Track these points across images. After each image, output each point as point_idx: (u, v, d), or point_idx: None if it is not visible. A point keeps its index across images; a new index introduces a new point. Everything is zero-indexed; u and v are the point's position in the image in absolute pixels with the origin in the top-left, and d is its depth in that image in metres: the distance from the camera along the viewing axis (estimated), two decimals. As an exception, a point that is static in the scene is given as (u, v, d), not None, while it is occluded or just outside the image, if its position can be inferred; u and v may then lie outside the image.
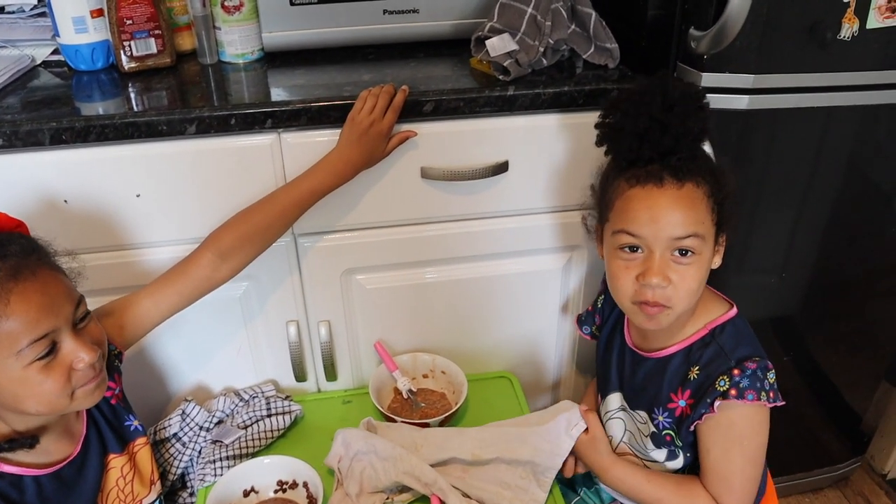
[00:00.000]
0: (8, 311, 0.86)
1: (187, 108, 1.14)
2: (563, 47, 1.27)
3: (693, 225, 0.99)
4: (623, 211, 1.03)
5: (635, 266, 1.03)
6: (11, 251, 0.89)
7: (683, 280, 1.01)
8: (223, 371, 1.40)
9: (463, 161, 1.23)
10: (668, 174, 0.99)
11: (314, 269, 1.31)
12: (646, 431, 1.14)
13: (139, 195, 1.18)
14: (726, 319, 1.08)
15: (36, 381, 0.90)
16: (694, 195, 1.00)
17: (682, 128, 0.98)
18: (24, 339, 0.87)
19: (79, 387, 0.94)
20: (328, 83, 1.25)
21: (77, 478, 1.03)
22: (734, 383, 1.01)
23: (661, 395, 1.11)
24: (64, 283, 0.93)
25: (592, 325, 1.30)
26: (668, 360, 1.10)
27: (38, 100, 1.20)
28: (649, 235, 1.00)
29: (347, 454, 1.21)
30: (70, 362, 0.92)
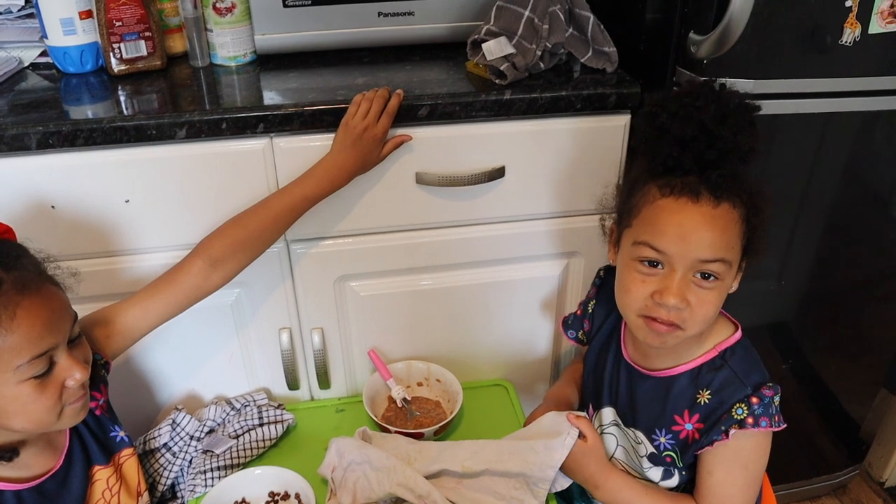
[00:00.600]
0: (13, 325, 0.84)
1: (178, 112, 1.12)
2: (560, 51, 1.25)
3: (723, 249, 0.93)
4: (650, 222, 0.95)
5: (653, 282, 0.96)
6: (20, 263, 0.88)
7: (701, 305, 0.95)
8: (214, 379, 1.37)
9: (459, 166, 1.21)
10: (705, 189, 0.92)
11: (307, 276, 1.29)
12: (642, 451, 1.11)
13: (128, 200, 1.16)
14: (735, 341, 1.04)
15: (28, 398, 0.89)
16: (729, 217, 0.93)
17: (731, 142, 0.91)
18: (25, 355, 0.86)
19: (68, 404, 0.93)
20: (322, 87, 1.23)
21: (60, 491, 1.00)
22: (752, 412, 0.98)
23: (664, 417, 1.07)
24: (63, 299, 0.93)
25: (579, 331, 1.24)
26: (672, 380, 1.06)
27: (25, 103, 1.18)
28: (675, 253, 0.93)
29: (341, 464, 1.19)
30: (63, 380, 0.91)
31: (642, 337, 1.01)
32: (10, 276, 0.86)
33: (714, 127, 0.91)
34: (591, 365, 1.20)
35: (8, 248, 0.90)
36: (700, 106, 0.92)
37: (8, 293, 0.84)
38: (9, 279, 0.85)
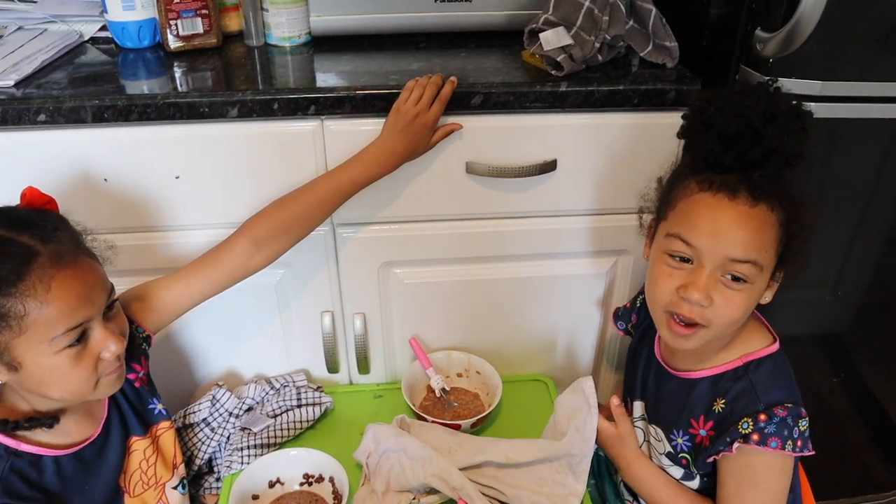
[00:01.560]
0: (48, 297, 0.85)
1: (230, 91, 1.12)
2: (619, 44, 1.22)
3: (755, 251, 0.91)
4: (685, 215, 0.95)
5: (680, 276, 0.95)
6: (56, 236, 0.89)
7: (727, 305, 0.93)
8: (255, 358, 1.38)
9: (510, 157, 1.19)
10: (744, 188, 0.91)
11: (352, 261, 1.28)
12: (660, 449, 1.10)
13: (178, 177, 1.17)
14: (765, 354, 1.01)
15: (64, 369, 0.90)
16: (765, 219, 0.91)
17: (776, 143, 0.89)
18: (60, 327, 0.87)
19: (103, 375, 0.94)
20: (375, 71, 1.22)
21: (97, 459, 1.02)
22: (758, 428, 0.95)
23: (682, 418, 1.06)
24: (99, 272, 0.93)
25: (628, 322, 1.25)
26: (693, 383, 1.05)
27: (83, 76, 1.20)
28: (705, 249, 0.92)
29: (377, 450, 1.18)
30: (98, 352, 0.92)
31: (664, 335, 1.01)
32: (47, 248, 0.87)
33: (761, 125, 0.89)
34: (630, 357, 1.20)
35: (46, 220, 0.91)
36: (749, 104, 0.90)
37: (43, 265, 0.85)
38: (45, 251, 0.86)
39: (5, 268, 0.84)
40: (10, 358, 0.88)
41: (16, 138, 1.12)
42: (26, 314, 0.85)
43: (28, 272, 0.84)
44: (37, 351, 0.88)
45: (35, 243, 0.86)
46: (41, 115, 1.10)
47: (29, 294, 0.84)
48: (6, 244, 0.85)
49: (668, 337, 1.00)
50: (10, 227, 0.87)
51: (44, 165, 1.13)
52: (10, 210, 0.91)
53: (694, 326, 0.96)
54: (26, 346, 0.87)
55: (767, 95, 0.91)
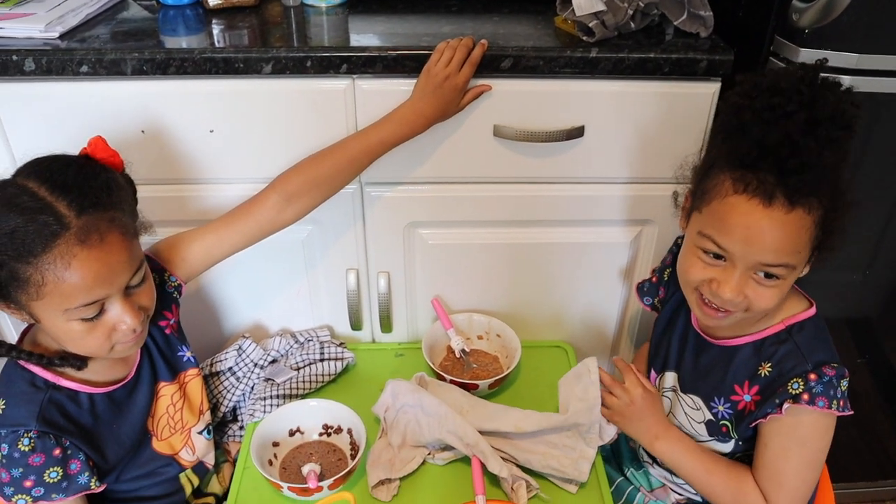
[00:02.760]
0: (67, 274, 0.87)
1: (265, 48, 1.14)
2: (653, 11, 1.21)
3: (788, 255, 0.90)
4: (717, 217, 0.93)
5: (712, 271, 0.95)
6: (90, 210, 0.89)
7: (759, 298, 0.94)
8: (281, 312, 1.42)
9: (538, 122, 1.19)
10: (780, 193, 0.87)
11: (378, 220, 1.30)
12: (698, 418, 1.10)
13: (212, 131, 1.20)
14: (805, 318, 1.02)
15: (78, 335, 0.93)
16: (801, 223, 0.89)
17: (814, 156, 0.85)
18: (75, 301, 0.89)
19: (118, 343, 0.97)
20: (408, 32, 1.23)
21: (128, 401, 1.06)
22: (808, 388, 0.96)
23: (724, 385, 1.06)
24: (128, 251, 0.93)
25: (655, 297, 1.24)
26: (736, 349, 1.05)
27: (124, 31, 1.23)
28: (737, 253, 0.92)
29: (394, 405, 1.21)
30: (113, 324, 0.95)
31: (697, 313, 1.02)
32: (80, 221, 0.87)
33: (800, 137, 0.85)
34: (661, 329, 1.20)
35: (93, 185, 0.91)
36: (790, 111, 0.86)
37: (69, 242, 0.87)
38: (76, 226, 0.87)
39: (33, 237, 0.85)
40: (30, 313, 0.92)
41: (59, 88, 1.16)
42: (44, 284, 0.87)
43: (53, 246, 0.86)
44: (52, 315, 0.91)
45: (69, 214, 0.87)
46: (83, 66, 1.13)
47: (49, 267, 0.86)
48: (42, 211, 0.86)
49: (700, 316, 1.01)
50: (53, 188, 0.88)
51: (84, 115, 1.16)
52: (64, 168, 0.91)
53: (726, 311, 0.97)
54: (42, 309, 0.90)
55: (811, 98, 0.86)
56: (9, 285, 0.88)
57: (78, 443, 0.97)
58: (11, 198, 0.87)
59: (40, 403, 0.96)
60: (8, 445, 0.92)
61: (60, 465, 0.94)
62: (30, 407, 0.95)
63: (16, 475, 0.91)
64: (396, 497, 1.14)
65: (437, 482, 1.16)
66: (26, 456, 0.92)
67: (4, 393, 0.96)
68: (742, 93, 0.91)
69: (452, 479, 1.17)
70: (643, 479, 1.23)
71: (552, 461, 1.14)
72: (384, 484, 1.14)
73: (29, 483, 0.91)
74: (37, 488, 0.91)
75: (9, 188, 0.89)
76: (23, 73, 1.13)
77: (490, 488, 1.13)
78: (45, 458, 0.92)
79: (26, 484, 0.91)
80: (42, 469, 0.92)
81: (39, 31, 1.16)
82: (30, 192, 0.87)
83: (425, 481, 1.16)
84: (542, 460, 1.14)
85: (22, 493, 0.91)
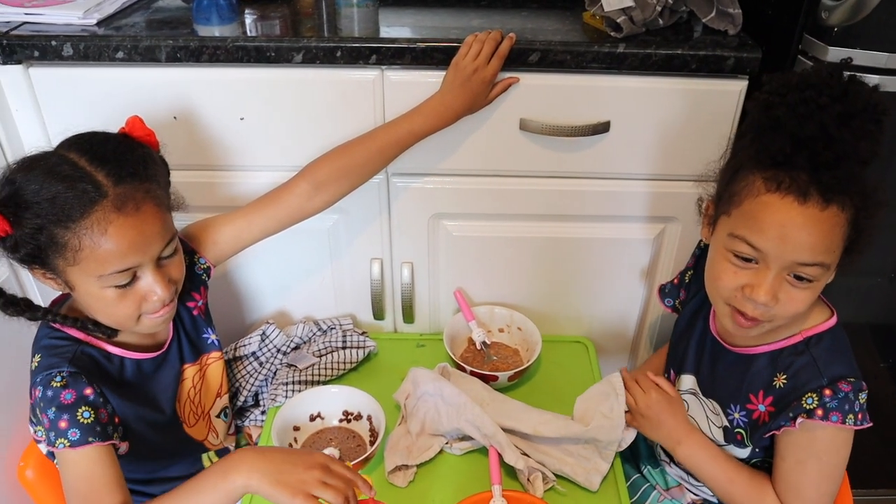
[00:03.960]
0: (103, 240, 0.90)
1: (296, 38, 1.16)
2: (682, 8, 1.22)
3: (823, 253, 0.89)
4: (751, 216, 0.91)
5: (745, 276, 0.93)
6: (130, 179, 0.92)
7: (792, 302, 0.92)
8: (305, 300, 1.44)
9: (564, 116, 1.20)
10: (815, 190, 0.86)
11: (404, 210, 1.32)
12: (717, 423, 1.10)
13: (243, 118, 1.22)
14: (825, 329, 1.00)
15: (109, 302, 0.96)
16: (835, 221, 0.88)
17: (850, 147, 0.85)
18: (109, 268, 0.92)
19: (147, 314, 0.99)
20: (437, 25, 1.25)
21: (155, 375, 1.09)
22: (822, 403, 0.95)
23: (739, 393, 1.05)
24: (162, 221, 0.97)
25: (676, 299, 1.24)
26: (752, 358, 1.04)
27: (159, 19, 1.25)
28: (771, 252, 0.90)
29: (415, 393, 1.22)
30: (144, 293, 0.97)
31: (725, 323, 1.00)
32: (117, 190, 0.91)
33: (835, 129, 0.85)
34: (680, 331, 1.19)
35: (131, 157, 0.94)
36: (823, 104, 0.85)
37: (106, 209, 0.90)
38: (113, 194, 0.90)
39: (72, 203, 0.89)
40: (65, 280, 0.95)
41: (95, 73, 1.19)
42: (80, 249, 0.90)
43: (91, 212, 0.89)
44: (86, 281, 0.94)
45: (107, 183, 0.90)
46: (119, 52, 1.16)
47: (86, 232, 0.89)
48: (82, 179, 0.90)
49: (730, 327, 1.00)
50: (92, 159, 0.91)
51: (118, 100, 1.19)
52: (104, 141, 0.95)
53: (757, 321, 0.95)
54: (77, 274, 0.93)
55: (843, 91, 0.86)
56: (47, 249, 0.91)
57: (107, 392, 0.99)
58: (53, 166, 0.90)
59: (73, 352, 0.99)
60: (42, 387, 0.95)
61: (92, 406, 0.95)
62: (63, 355, 0.98)
63: (51, 415, 0.93)
64: (412, 483, 1.15)
65: (454, 471, 1.17)
66: (58, 393, 0.93)
67: (39, 350, 0.99)
68: (772, 90, 0.91)
69: (469, 468, 1.18)
70: (659, 477, 1.23)
71: (565, 467, 1.14)
72: (401, 470, 1.15)
73: (64, 423, 0.92)
74: (72, 430, 0.92)
75: (51, 158, 0.92)
76: (61, 58, 1.16)
77: (506, 480, 1.14)
78: (76, 395, 0.94)
79: (61, 425, 0.92)
80: (74, 408, 0.93)
81: (78, 17, 1.19)
82: (70, 162, 0.91)
83: (442, 470, 1.17)
84: (556, 464, 1.15)
85: (61, 437, 0.92)
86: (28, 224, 0.89)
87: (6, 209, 0.89)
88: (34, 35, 1.15)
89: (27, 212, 0.89)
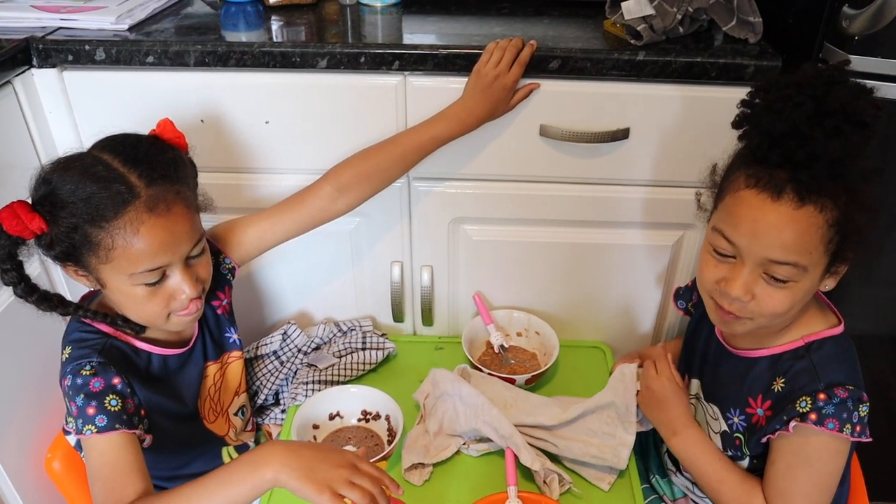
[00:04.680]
0: (135, 239, 0.93)
1: (321, 43, 1.19)
2: (702, 17, 1.23)
3: (796, 253, 0.89)
4: (729, 211, 0.93)
5: (722, 269, 0.95)
6: (162, 180, 0.95)
7: (769, 299, 0.92)
8: (326, 301, 1.46)
9: (584, 123, 1.22)
10: (791, 188, 0.87)
11: (424, 214, 1.34)
12: (716, 428, 1.10)
13: (268, 122, 1.24)
14: (828, 336, 0.99)
15: (139, 300, 0.99)
16: (810, 221, 0.88)
17: (819, 147, 0.85)
18: (140, 266, 0.95)
19: (175, 312, 1.02)
20: (459, 32, 1.27)
21: (179, 372, 1.11)
22: (816, 408, 0.94)
23: (739, 397, 1.06)
24: (191, 222, 1.00)
25: (689, 301, 1.25)
26: (753, 362, 1.04)
27: (188, 25, 1.29)
28: (744, 248, 0.91)
29: (434, 393, 1.24)
30: (173, 292, 1.00)
31: (713, 319, 1.01)
32: (149, 191, 0.93)
33: (807, 128, 0.85)
34: (689, 334, 1.20)
35: (162, 159, 0.97)
36: (799, 102, 0.86)
37: (138, 209, 0.92)
38: (145, 195, 0.93)
39: (106, 203, 0.91)
40: (97, 278, 0.98)
41: (126, 77, 1.22)
42: (113, 248, 0.93)
43: (124, 212, 0.92)
44: (118, 279, 0.97)
45: (140, 184, 0.93)
46: (150, 56, 1.19)
47: (119, 231, 0.92)
48: (116, 180, 0.92)
49: (715, 320, 1.01)
50: (125, 161, 0.94)
51: (148, 103, 1.22)
52: (136, 143, 0.98)
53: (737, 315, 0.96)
54: (109, 272, 0.96)
55: (822, 91, 0.86)
56: (81, 247, 0.94)
57: (134, 384, 1.01)
58: (88, 167, 0.93)
59: (103, 344, 1.01)
60: (72, 376, 0.97)
61: (119, 395, 0.97)
62: (93, 346, 1.01)
63: (79, 403, 0.95)
64: (428, 482, 1.16)
65: (470, 472, 1.19)
66: (87, 381, 0.96)
67: (69, 343, 1.02)
68: (759, 87, 0.93)
69: (485, 470, 1.19)
70: (666, 487, 1.24)
71: (591, 449, 1.15)
72: (417, 468, 1.17)
73: (91, 410, 0.95)
74: (100, 416, 0.95)
75: (86, 159, 0.95)
76: (93, 62, 1.19)
77: (522, 482, 1.15)
78: (104, 383, 0.97)
79: (89, 411, 0.95)
80: (102, 395, 0.96)
81: (110, 22, 1.23)
82: (105, 163, 0.93)
83: (458, 470, 1.19)
84: (583, 448, 1.16)
85: (88, 424, 0.95)
86: (63, 223, 0.92)
87: (43, 208, 0.92)
88: (68, 40, 1.19)
89: (63, 211, 0.92)
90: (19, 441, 1.20)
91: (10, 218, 0.91)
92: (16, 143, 1.20)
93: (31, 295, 0.97)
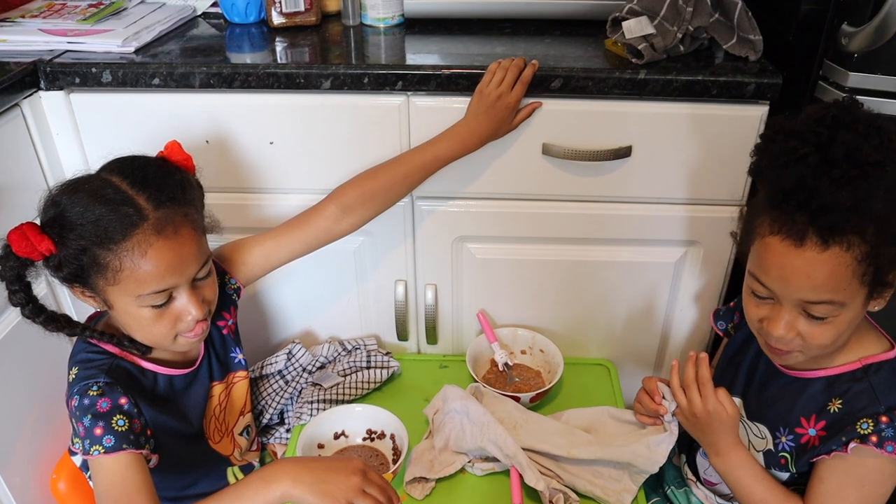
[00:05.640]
0: (143, 261, 0.94)
1: (325, 64, 1.20)
2: (703, 35, 1.24)
3: (829, 292, 0.89)
4: (758, 257, 0.94)
5: (764, 309, 0.96)
6: (169, 203, 0.96)
7: (814, 336, 0.93)
8: (331, 320, 1.46)
9: (586, 141, 1.22)
10: (813, 233, 0.87)
11: (428, 233, 1.34)
12: (759, 447, 1.09)
13: (272, 143, 1.25)
14: (885, 359, 0.99)
15: (146, 321, 0.99)
16: (838, 261, 0.87)
17: (829, 198, 0.84)
18: (147, 288, 0.96)
19: (181, 333, 1.02)
20: (461, 52, 1.28)
21: (185, 392, 1.11)
22: (878, 430, 0.94)
23: (791, 417, 1.05)
24: (198, 244, 1.00)
25: (730, 322, 1.22)
26: (807, 382, 1.03)
27: (193, 46, 1.30)
28: (777, 291, 0.92)
29: (443, 409, 1.24)
30: (179, 314, 1.00)
31: (767, 353, 1.02)
32: (157, 214, 0.94)
33: (812, 180, 0.85)
34: (731, 354, 1.18)
35: (170, 182, 0.98)
36: (803, 153, 0.86)
37: (146, 231, 0.93)
38: (153, 217, 0.94)
39: (115, 226, 0.92)
40: (104, 299, 0.98)
41: (133, 99, 1.23)
42: (121, 270, 0.93)
43: (132, 235, 0.92)
44: (125, 301, 0.97)
45: (148, 207, 0.94)
46: (156, 78, 1.20)
47: (127, 254, 0.93)
48: (124, 202, 0.93)
49: (769, 354, 1.02)
50: (134, 183, 0.95)
51: (154, 125, 1.23)
52: (144, 166, 0.98)
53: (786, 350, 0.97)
54: (117, 294, 0.97)
55: (827, 137, 0.86)
56: (89, 269, 0.94)
57: (141, 404, 1.01)
58: (97, 190, 0.94)
59: (109, 364, 1.02)
60: (79, 396, 0.97)
61: (126, 415, 0.97)
62: (99, 367, 1.01)
63: (87, 423, 0.95)
64: (429, 497, 1.16)
65: (474, 491, 1.18)
66: (95, 401, 0.96)
67: (75, 363, 1.02)
68: (765, 136, 0.94)
69: (489, 489, 1.18)
70: (683, 498, 1.23)
71: (595, 489, 1.15)
72: (419, 482, 1.17)
73: (99, 430, 0.95)
74: (107, 437, 0.95)
75: (95, 181, 0.96)
76: (100, 85, 1.21)
77: (528, 501, 1.14)
78: (111, 403, 0.97)
79: (97, 431, 0.95)
80: (109, 416, 0.96)
81: (117, 45, 1.24)
82: (113, 186, 0.94)
83: (461, 488, 1.19)
84: (586, 486, 1.15)
85: (96, 444, 0.95)
86: (72, 245, 0.93)
87: (52, 230, 0.93)
88: (76, 62, 1.21)
89: (71, 233, 0.92)
90: (25, 461, 1.20)
91: (20, 240, 0.92)
92: (23, 165, 1.21)
93: (38, 316, 0.97)
